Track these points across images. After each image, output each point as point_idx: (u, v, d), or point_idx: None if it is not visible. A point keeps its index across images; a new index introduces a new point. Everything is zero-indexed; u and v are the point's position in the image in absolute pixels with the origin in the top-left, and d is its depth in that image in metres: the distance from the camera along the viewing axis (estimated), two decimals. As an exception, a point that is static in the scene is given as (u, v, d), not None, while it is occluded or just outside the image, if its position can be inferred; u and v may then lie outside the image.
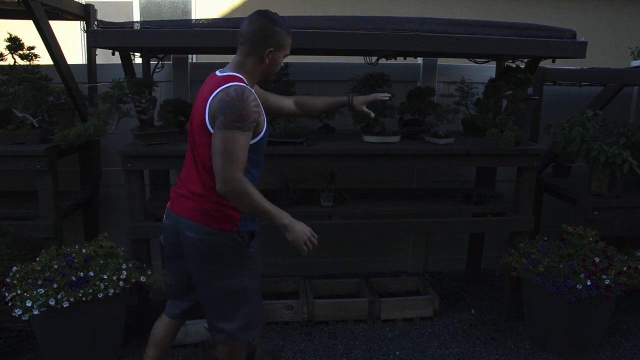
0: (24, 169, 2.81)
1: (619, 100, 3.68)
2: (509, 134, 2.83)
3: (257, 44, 1.86)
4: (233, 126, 1.75)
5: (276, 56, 1.91)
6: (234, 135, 1.75)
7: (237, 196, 1.79)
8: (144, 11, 5.66)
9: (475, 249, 3.77)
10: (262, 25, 1.85)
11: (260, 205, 1.80)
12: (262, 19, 1.86)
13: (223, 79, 1.84)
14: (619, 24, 6.19)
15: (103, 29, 2.57)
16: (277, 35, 1.87)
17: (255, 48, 1.86)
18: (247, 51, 1.88)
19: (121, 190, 3.53)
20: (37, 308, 2.36)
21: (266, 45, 1.86)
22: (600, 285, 2.62)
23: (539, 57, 3.12)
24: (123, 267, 2.61)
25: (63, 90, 3.08)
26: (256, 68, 1.91)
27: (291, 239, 1.88)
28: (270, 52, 1.88)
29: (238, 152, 1.77)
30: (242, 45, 1.88)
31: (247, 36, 1.86)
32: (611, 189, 3.03)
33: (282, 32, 1.88)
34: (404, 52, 3.15)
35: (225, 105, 1.76)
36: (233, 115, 1.75)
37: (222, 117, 1.76)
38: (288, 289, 3.45)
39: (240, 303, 2.00)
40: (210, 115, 1.82)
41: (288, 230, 1.86)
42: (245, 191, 1.78)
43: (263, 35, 1.85)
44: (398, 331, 3.13)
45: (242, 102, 1.76)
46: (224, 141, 1.75)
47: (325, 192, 3.09)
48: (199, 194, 1.92)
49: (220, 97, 1.78)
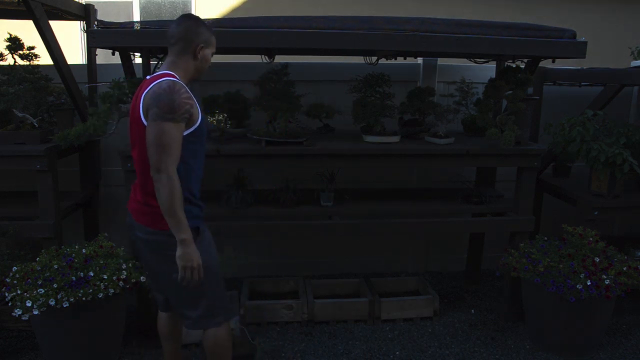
0: (24, 169, 2.81)
1: (619, 100, 3.68)
2: (509, 134, 2.83)
3: (188, 41, 1.97)
4: (165, 117, 1.83)
5: (206, 53, 2.03)
6: (166, 126, 1.83)
7: (162, 188, 1.85)
8: (144, 11, 5.66)
9: (475, 249, 3.76)
10: (191, 25, 1.99)
11: (175, 207, 1.86)
12: (190, 20, 2.00)
13: (156, 77, 1.94)
14: (619, 24, 6.18)
15: (103, 29, 2.57)
16: (205, 33, 2.01)
17: (187, 45, 1.98)
18: (180, 50, 1.99)
19: (121, 190, 3.53)
20: (37, 308, 2.36)
21: (197, 42, 1.98)
22: (600, 285, 2.62)
23: (539, 57, 3.12)
24: (123, 267, 2.61)
25: (63, 90, 3.09)
26: (189, 65, 2.01)
27: (179, 255, 1.92)
28: (202, 47, 2.00)
29: (171, 143, 1.84)
30: (174, 45, 1.99)
31: (178, 36, 1.98)
32: (611, 189, 3.03)
33: (208, 31, 2.03)
34: (404, 52, 3.15)
35: (158, 97, 1.85)
36: (165, 106, 1.83)
37: (155, 108, 1.84)
38: (288, 289, 3.45)
39: (197, 294, 2.07)
40: (144, 109, 1.90)
41: (183, 245, 1.91)
42: (172, 187, 1.84)
43: (194, 33, 1.98)
44: (398, 331, 3.13)
45: (173, 94, 1.85)
46: (157, 133, 1.84)
47: (325, 192, 3.09)
48: (138, 198, 2.03)
49: (154, 91, 1.88)
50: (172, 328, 2.34)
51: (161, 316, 2.33)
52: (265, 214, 3.05)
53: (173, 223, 1.88)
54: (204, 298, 2.09)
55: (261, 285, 3.47)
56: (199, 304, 2.09)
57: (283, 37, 2.59)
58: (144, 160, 1.93)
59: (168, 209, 1.86)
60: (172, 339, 2.36)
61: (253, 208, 3.05)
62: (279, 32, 2.57)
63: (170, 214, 1.87)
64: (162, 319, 2.33)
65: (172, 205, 1.85)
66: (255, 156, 2.81)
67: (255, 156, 2.81)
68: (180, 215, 1.88)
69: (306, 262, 3.94)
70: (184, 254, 1.91)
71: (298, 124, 3.02)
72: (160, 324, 2.34)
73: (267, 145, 2.82)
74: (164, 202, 1.86)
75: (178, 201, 1.86)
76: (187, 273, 1.93)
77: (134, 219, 2.06)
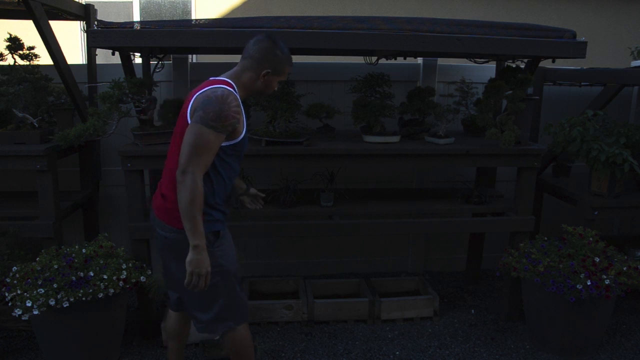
0: (24, 169, 2.81)
1: (619, 100, 3.69)
2: (509, 134, 2.83)
3: (257, 62, 1.97)
4: (209, 124, 1.82)
5: (271, 79, 2.01)
6: (206, 132, 1.82)
7: (184, 189, 1.82)
8: (144, 11, 5.66)
9: (475, 249, 3.77)
10: (266, 46, 1.96)
11: (193, 213, 1.83)
12: (268, 42, 1.98)
13: (215, 81, 1.94)
14: (619, 24, 6.19)
15: (103, 29, 2.57)
16: (276, 60, 1.98)
17: (254, 65, 1.97)
18: (247, 66, 1.99)
19: (121, 190, 3.53)
20: (37, 308, 2.36)
21: (265, 66, 1.97)
22: (600, 285, 2.62)
23: (539, 57, 3.12)
24: (123, 267, 2.61)
25: (63, 90, 3.08)
26: (250, 84, 2.00)
27: (189, 260, 1.89)
28: (267, 73, 1.98)
29: (206, 150, 1.84)
30: (244, 59, 1.99)
31: (250, 53, 1.98)
32: (611, 189, 3.03)
33: (282, 59, 2.00)
34: (404, 52, 3.15)
35: (208, 102, 1.84)
36: (212, 113, 1.82)
37: (201, 111, 1.84)
38: (288, 289, 3.45)
39: (211, 297, 2.06)
40: (192, 109, 1.89)
41: (195, 251, 1.88)
42: (194, 191, 1.82)
43: (264, 56, 1.96)
44: (398, 331, 3.13)
45: (224, 104, 1.84)
46: (196, 134, 1.82)
47: (325, 192, 3.09)
48: (165, 194, 2.01)
49: (206, 94, 1.87)
50: (181, 328, 2.34)
51: (171, 315, 2.33)
52: (265, 214, 3.05)
53: (189, 227, 1.85)
54: (218, 302, 2.07)
55: (261, 285, 3.47)
56: (211, 308, 2.07)
57: (283, 37, 2.58)
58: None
59: (186, 212, 1.83)
60: (178, 339, 2.36)
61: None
62: (279, 32, 2.57)
63: (187, 217, 1.84)
64: (172, 318, 2.33)
65: (191, 209, 1.82)
66: (255, 156, 2.81)
67: (255, 156, 2.81)
68: (198, 221, 1.85)
69: (306, 262, 3.94)
70: (194, 260, 1.88)
71: (298, 124, 3.02)
72: (169, 323, 2.34)
73: (267, 145, 2.82)
74: (184, 205, 1.83)
75: (198, 206, 1.83)
76: (194, 279, 1.91)
77: (156, 215, 2.05)
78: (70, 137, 2.66)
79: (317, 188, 3.16)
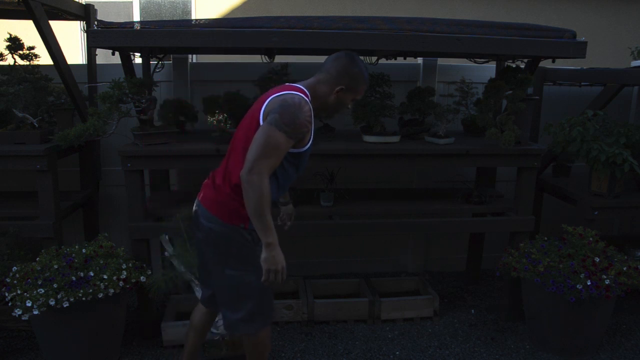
0: (24, 169, 2.81)
1: (619, 100, 3.69)
2: (509, 134, 2.83)
3: (333, 77, 1.99)
4: (282, 127, 1.83)
5: (345, 97, 2.02)
6: (279, 134, 1.83)
7: (251, 189, 1.82)
8: (144, 11, 5.66)
9: (475, 249, 3.77)
10: (344, 63, 1.99)
11: (263, 211, 1.83)
12: (346, 59, 1.99)
13: (292, 87, 1.97)
14: (619, 24, 6.19)
15: (103, 29, 2.57)
16: (352, 77, 1.99)
17: (330, 80, 2.00)
18: (322, 80, 2.01)
19: (121, 190, 3.53)
20: (37, 308, 2.36)
21: (340, 82, 1.99)
22: (600, 285, 2.62)
23: (539, 57, 3.12)
24: (123, 267, 2.61)
25: (63, 90, 3.08)
26: (323, 98, 2.02)
27: (263, 258, 1.91)
28: (341, 89, 1.99)
29: (275, 152, 1.85)
30: (321, 73, 2.03)
31: (327, 68, 2.01)
32: (611, 189, 3.03)
33: (359, 78, 2.00)
34: (404, 52, 3.15)
35: (284, 106, 1.86)
36: (287, 117, 1.84)
37: (276, 114, 1.85)
38: (288, 289, 3.45)
39: (243, 296, 2.06)
40: (266, 110, 1.91)
41: (268, 249, 1.89)
42: (260, 189, 1.81)
43: (340, 73, 1.98)
44: (398, 331, 3.13)
45: (299, 111, 1.86)
46: (267, 135, 1.83)
47: (325, 192, 3.09)
48: (219, 185, 2.02)
49: (283, 99, 1.89)
50: (205, 323, 2.37)
51: (200, 308, 2.36)
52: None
53: (260, 226, 1.86)
54: (249, 302, 2.07)
55: (261, 285, 3.46)
56: (241, 308, 2.07)
57: (283, 37, 2.58)
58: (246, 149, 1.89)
59: (256, 210, 1.83)
60: (197, 331, 2.39)
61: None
62: (279, 32, 2.57)
63: (257, 216, 1.84)
64: (199, 311, 2.36)
65: (260, 208, 1.83)
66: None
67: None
68: (268, 219, 1.85)
69: (306, 262, 3.94)
70: (269, 257, 1.90)
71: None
72: (196, 315, 2.37)
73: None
74: (252, 204, 1.83)
75: (267, 205, 1.84)
76: (270, 276, 1.92)
77: (202, 204, 2.05)
78: (70, 137, 2.66)
79: (317, 188, 3.16)
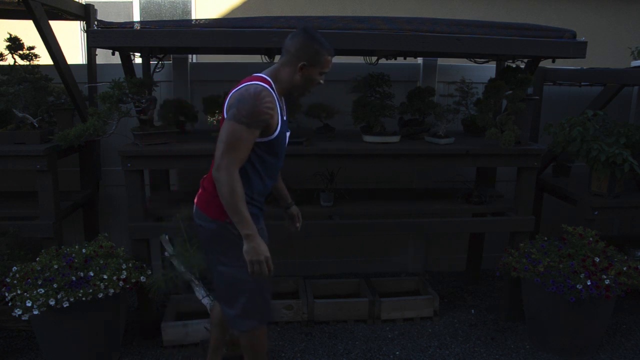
0: (24, 169, 2.81)
1: (619, 100, 3.69)
2: (509, 134, 2.83)
3: (293, 56, 1.96)
4: (240, 119, 1.85)
5: (310, 72, 1.98)
6: (238, 128, 1.85)
7: (222, 185, 1.86)
8: (144, 11, 5.66)
9: (475, 249, 3.77)
10: (301, 40, 1.96)
11: (237, 204, 1.87)
12: (303, 35, 1.97)
13: (252, 78, 1.96)
14: (619, 24, 6.19)
15: (103, 29, 2.57)
16: (312, 51, 1.95)
17: (291, 60, 1.97)
18: (284, 62, 1.99)
19: (121, 190, 3.53)
20: (37, 308, 2.36)
21: (301, 58, 1.95)
22: (600, 285, 2.62)
23: (539, 57, 3.12)
24: (123, 267, 2.61)
25: (63, 90, 3.09)
26: (289, 79, 2.00)
27: (245, 250, 1.93)
28: (304, 66, 1.96)
29: (238, 145, 1.87)
30: (282, 56, 2.00)
31: (286, 48, 1.98)
32: (611, 189, 3.03)
33: (319, 50, 1.96)
34: (404, 52, 3.15)
35: (240, 99, 1.88)
36: (244, 109, 1.86)
37: (234, 109, 1.88)
38: (288, 289, 3.45)
39: (237, 292, 2.09)
40: (227, 106, 1.94)
41: (247, 241, 1.92)
42: (232, 185, 1.85)
43: (299, 49, 1.95)
44: (398, 331, 3.13)
45: (256, 100, 1.86)
46: (228, 130, 1.86)
47: (325, 192, 3.09)
48: (205, 185, 2.09)
49: (239, 92, 1.91)
50: (222, 317, 2.38)
51: (217, 304, 2.40)
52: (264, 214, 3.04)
53: (236, 220, 1.89)
54: (243, 298, 2.08)
55: (261, 285, 3.46)
56: (236, 304, 2.09)
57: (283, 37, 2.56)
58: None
59: (229, 205, 1.88)
60: (220, 327, 2.42)
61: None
62: (279, 32, 2.57)
63: (232, 210, 1.88)
64: (217, 306, 2.40)
65: (234, 202, 1.87)
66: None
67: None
68: (243, 212, 1.88)
69: (306, 262, 3.94)
70: (249, 249, 1.92)
71: (298, 124, 3.02)
72: (215, 310, 2.42)
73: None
74: (225, 200, 1.87)
75: (240, 198, 1.87)
76: (255, 267, 1.94)
77: (195, 204, 2.12)
78: (70, 137, 2.66)
79: (317, 188, 3.16)
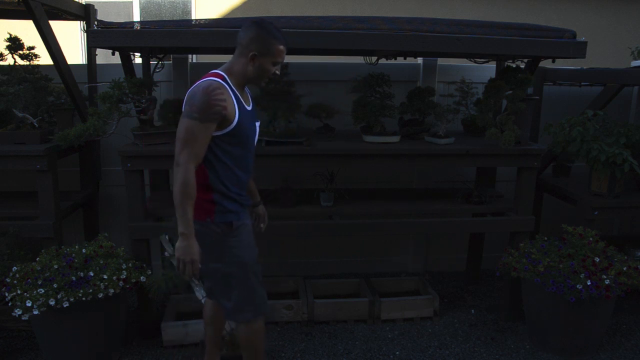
0: (24, 169, 2.81)
1: (619, 100, 3.69)
2: (509, 134, 2.83)
3: (244, 47, 1.98)
4: (192, 115, 1.89)
5: (262, 62, 1.99)
6: (191, 124, 1.89)
7: (176, 181, 1.90)
8: (144, 11, 5.66)
9: (475, 249, 3.77)
10: (251, 31, 1.97)
11: (183, 201, 1.90)
12: (253, 26, 1.98)
13: (207, 74, 1.99)
14: (619, 24, 6.19)
15: (103, 29, 2.57)
16: (262, 42, 1.96)
17: (243, 51, 1.99)
18: (237, 54, 2.01)
19: (121, 190, 3.53)
20: (37, 308, 2.36)
21: (251, 49, 1.96)
22: (600, 285, 2.62)
23: (539, 57, 3.12)
24: (123, 267, 2.61)
25: (63, 90, 3.09)
26: (242, 71, 2.01)
27: (176, 247, 1.97)
28: (254, 56, 1.97)
29: (192, 141, 1.89)
30: (236, 49, 2.03)
31: (239, 40, 2.00)
32: (611, 189, 3.03)
33: (270, 40, 1.97)
34: (404, 52, 3.15)
35: (192, 95, 1.92)
36: (194, 105, 1.89)
37: (186, 106, 1.92)
38: (288, 289, 3.45)
39: (229, 286, 2.13)
40: (184, 106, 1.97)
41: (181, 239, 1.95)
42: (183, 180, 1.88)
43: (250, 41, 1.96)
44: (398, 331, 3.13)
45: (205, 95, 1.88)
46: (182, 128, 1.90)
47: (325, 192, 3.09)
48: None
49: (192, 90, 1.94)
50: (213, 315, 2.42)
51: (207, 302, 2.44)
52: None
53: (178, 215, 1.92)
54: (235, 292, 2.13)
55: (261, 285, 3.46)
56: (230, 297, 2.14)
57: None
58: None
59: (177, 201, 1.91)
60: (213, 325, 2.45)
61: (253, 208, 3.04)
62: (279, 32, 2.56)
63: (177, 205, 1.91)
64: (207, 305, 2.43)
65: (180, 198, 1.90)
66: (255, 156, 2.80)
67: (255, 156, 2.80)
68: (187, 210, 1.91)
69: (306, 262, 3.94)
70: (180, 247, 1.95)
71: (298, 124, 3.02)
72: (205, 309, 2.44)
73: (267, 145, 2.82)
74: (175, 195, 1.90)
75: (187, 196, 1.90)
76: (181, 266, 1.97)
77: None
78: (70, 137, 2.66)
79: (317, 188, 3.16)
